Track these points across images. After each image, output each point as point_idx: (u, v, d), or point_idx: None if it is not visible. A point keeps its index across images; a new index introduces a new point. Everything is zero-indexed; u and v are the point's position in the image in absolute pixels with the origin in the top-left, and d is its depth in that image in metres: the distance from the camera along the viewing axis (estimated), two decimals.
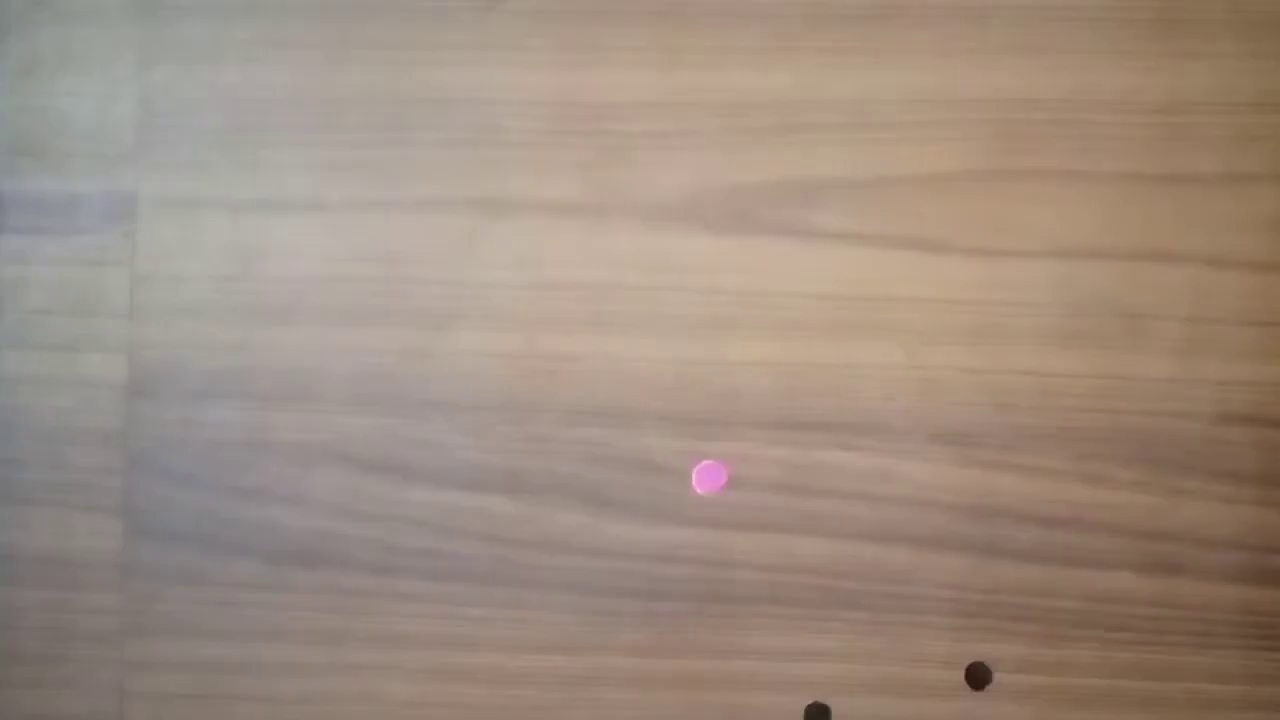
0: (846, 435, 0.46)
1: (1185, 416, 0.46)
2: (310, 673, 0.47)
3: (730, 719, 0.46)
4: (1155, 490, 0.46)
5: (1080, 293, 0.46)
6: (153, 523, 0.48)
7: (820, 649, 0.46)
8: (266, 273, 0.47)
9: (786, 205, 0.46)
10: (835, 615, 0.46)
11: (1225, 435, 0.46)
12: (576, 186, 0.46)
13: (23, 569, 0.48)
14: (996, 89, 0.46)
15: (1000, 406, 0.46)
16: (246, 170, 0.47)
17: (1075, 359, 0.46)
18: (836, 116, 0.46)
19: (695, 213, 0.46)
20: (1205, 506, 0.46)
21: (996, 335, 0.46)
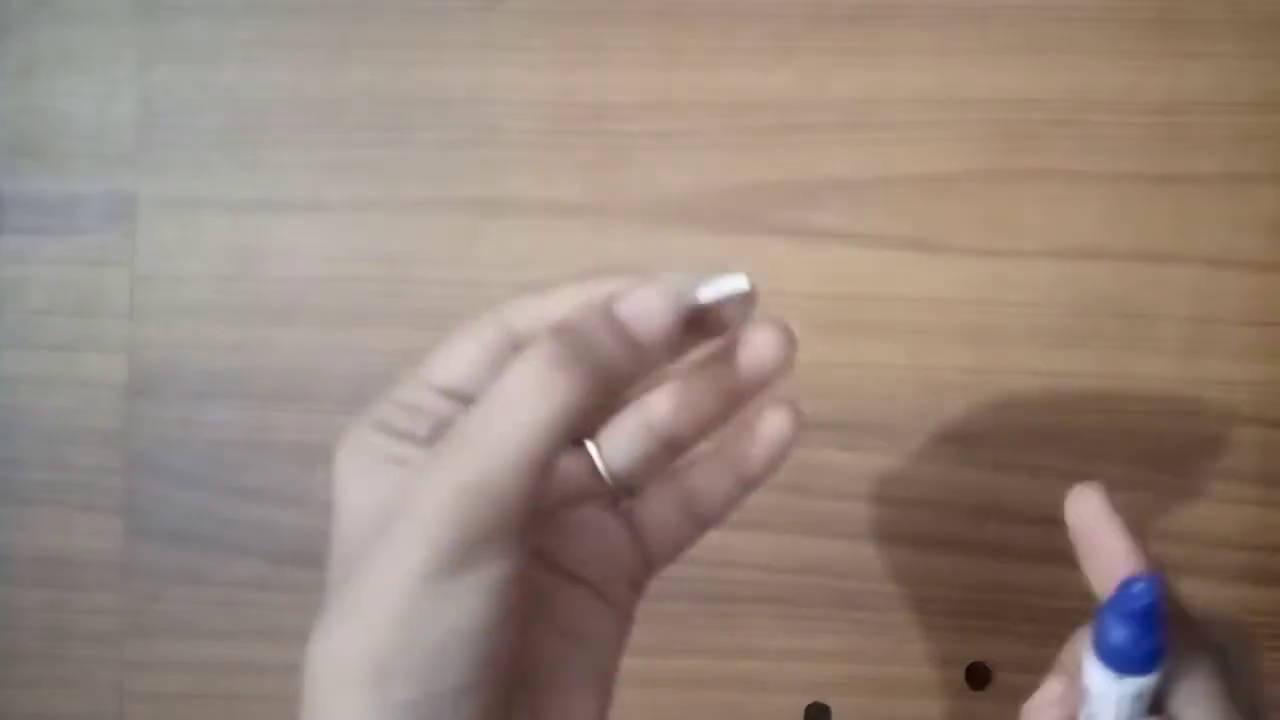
0: (847, 435, 0.46)
1: (1186, 416, 0.46)
2: None
3: (731, 719, 0.46)
4: (1157, 490, 0.46)
5: (1081, 293, 0.46)
6: (153, 523, 0.47)
7: (821, 649, 0.46)
8: (267, 273, 0.47)
9: (787, 205, 0.46)
10: (836, 615, 0.46)
11: (1227, 435, 0.46)
12: (576, 187, 0.46)
13: (22, 569, 0.48)
14: (997, 89, 0.46)
15: (1001, 406, 0.46)
16: (247, 170, 0.47)
17: (1076, 359, 0.46)
18: (837, 116, 0.46)
19: (695, 213, 0.46)
20: (1207, 507, 0.46)
21: (997, 335, 0.46)
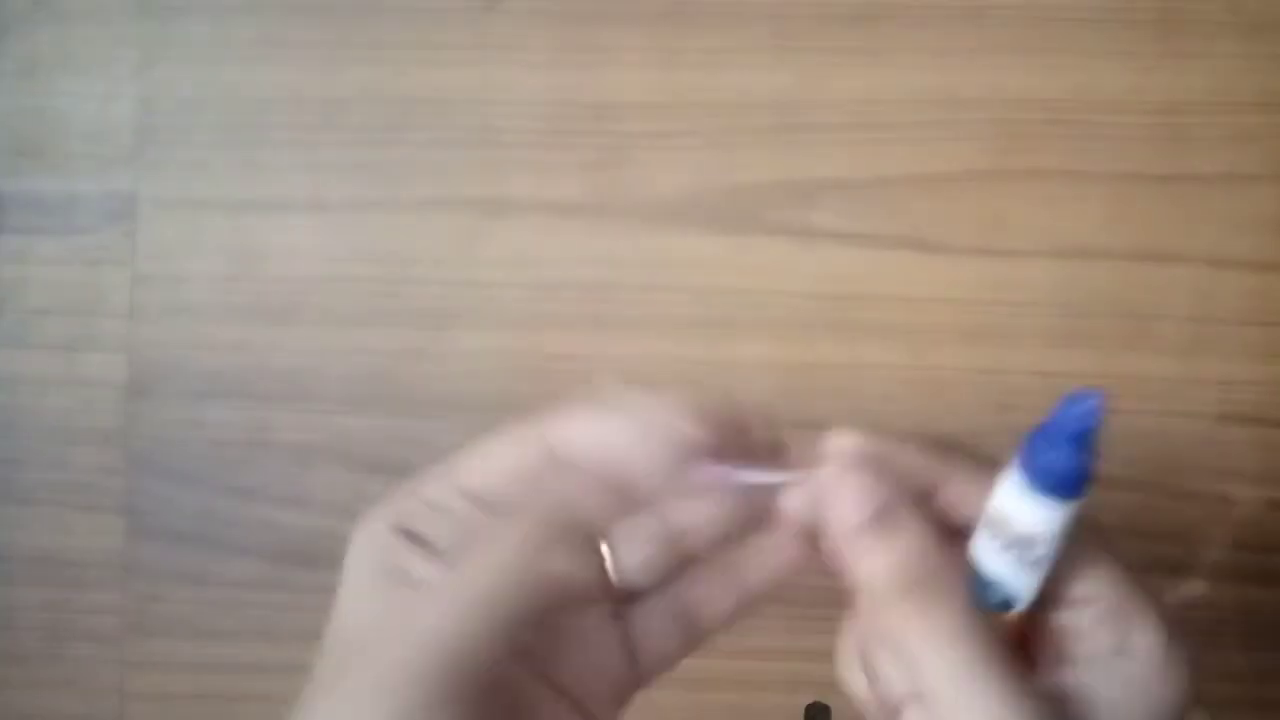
0: None
1: (1187, 416, 0.45)
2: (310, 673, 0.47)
3: (732, 718, 0.46)
4: (1157, 490, 0.46)
5: (1081, 293, 0.46)
6: (153, 522, 0.47)
7: (822, 648, 0.46)
8: (267, 273, 0.47)
9: (786, 205, 0.46)
10: (837, 615, 0.46)
11: (1227, 435, 0.45)
12: (576, 186, 0.46)
13: (22, 568, 0.48)
14: (997, 89, 0.46)
15: (1002, 407, 0.46)
16: (246, 170, 0.47)
17: (1076, 359, 0.46)
18: (836, 116, 0.46)
19: (695, 213, 0.46)
20: (1208, 506, 0.45)
21: (997, 335, 0.46)
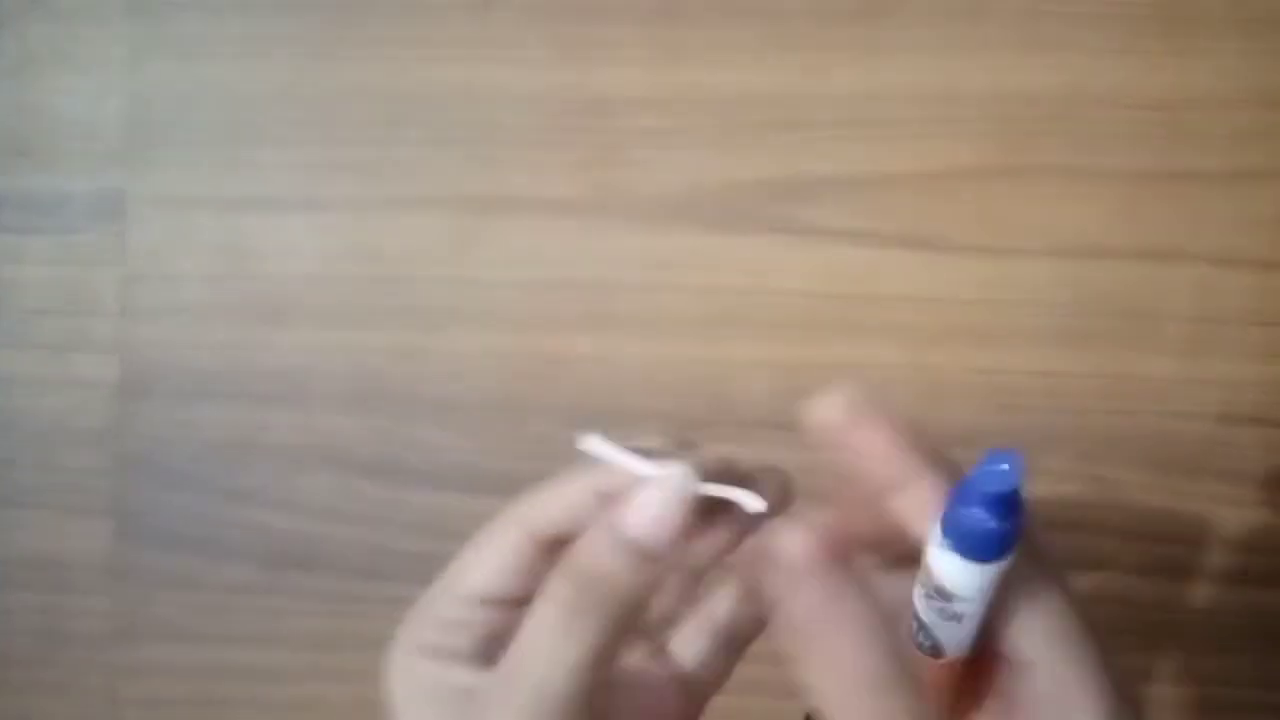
0: None
1: (1191, 417, 0.45)
2: (303, 678, 0.47)
3: None
4: (1160, 491, 0.45)
5: (1082, 292, 0.45)
6: (144, 525, 0.47)
7: None
8: (259, 272, 0.47)
9: (785, 203, 0.46)
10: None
11: (1231, 436, 0.45)
12: (573, 184, 0.46)
13: (12, 571, 0.48)
14: (997, 86, 0.45)
15: (1003, 407, 0.45)
16: (239, 168, 0.47)
17: (1079, 359, 0.45)
18: (835, 113, 0.45)
19: (693, 210, 0.46)
20: (1212, 508, 0.45)
21: (998, 335, 0.45)
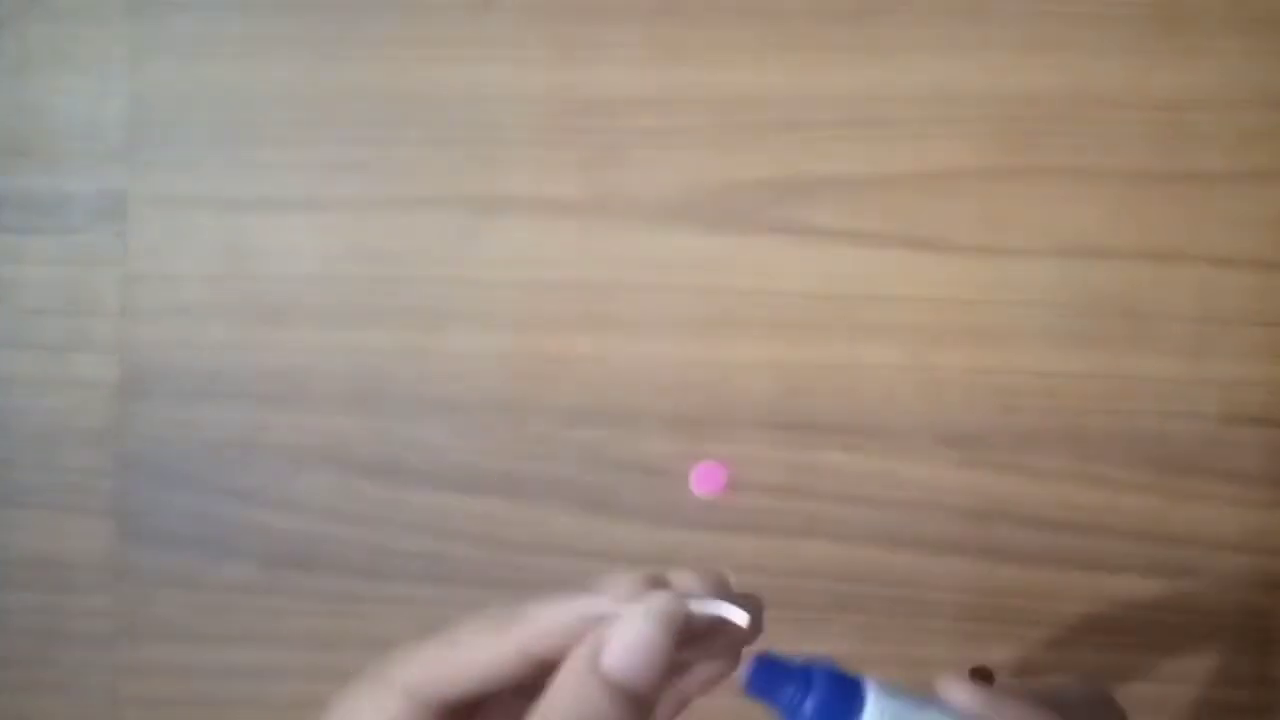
0: (849, 436, 0.46)
1: (1191, 417, 0.45)
2: (303, 677, 0.47)
3: None
4: (1161, 492, 0.45)
5: (1084, 292, 0.45)
6: (145, 525, 0.47)
7: (825, 651, 0.46)
8: (260, 272, 0.47)
9: (785, 203, 0.46)
10: (835, 618, 0.46)
11: (1232, 436, 0.45)
12: (574, 184, 0.46)
13: (13, 571, 0.47)
14: (998, 86, 0.45)
15: (1005, 408, 0.45)
16: (239, 168, 0.47)
17: (1080, 359, 0.45)
18: (835, 113, 0.45)
19: (693, 211, 0.46)
20: (1212, 509, 0.45)
21: (999, 335, 0.45)
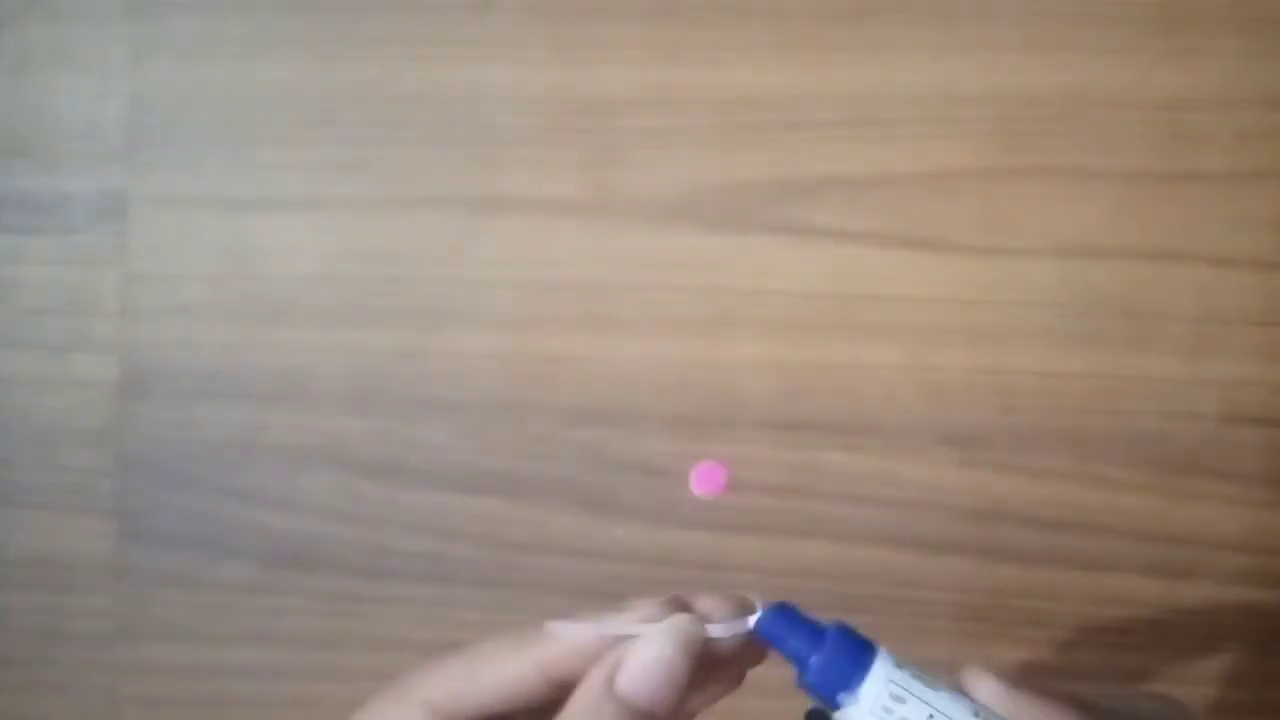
0: (849, 436, 0.46)
1: (1191, 418, 0.45)
2: (304, 677, 0.47)
3: None
4: (1161, 492, 0.45)
5: (1083, 292, 0.45)
6: (145, 525, 0.47)
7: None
8: (260, 272, 0.47)
9: (786, 203, 0.46)
10: (837, 619, 0.46)
11: (1232, 436, 0.45)
12: (574, 184, 0.46)
13: (13, 571, 0.47)
14: (998, 86, 0.45)
15: (1004, 408, 0.45)
16: (239, 168, 0.47)
17: (1080, 359, 0.45)
18: (836, 113, 0.45)
19: (694, 211, 0.46)
20: (1211, 508, 0.45)
21: (999, 335, 0.45)
